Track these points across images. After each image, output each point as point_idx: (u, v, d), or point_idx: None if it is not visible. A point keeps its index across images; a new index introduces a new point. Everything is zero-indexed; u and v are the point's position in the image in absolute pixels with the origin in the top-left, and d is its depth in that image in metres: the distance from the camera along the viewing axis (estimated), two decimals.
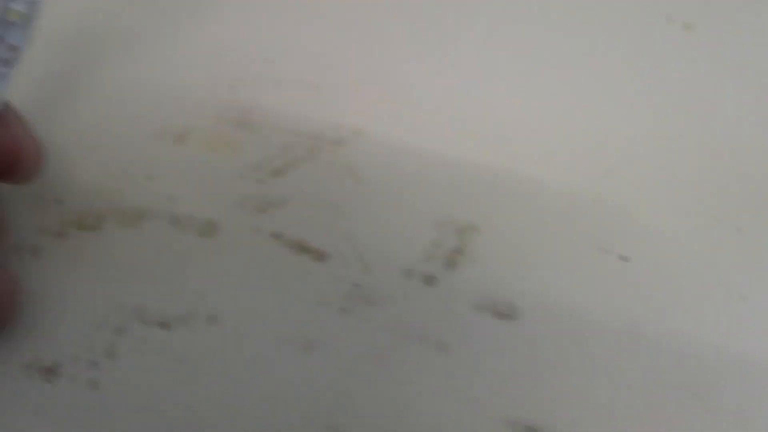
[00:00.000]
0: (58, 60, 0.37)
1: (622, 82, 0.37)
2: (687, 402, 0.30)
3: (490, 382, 0.31)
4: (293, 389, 0.31)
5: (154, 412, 0.31)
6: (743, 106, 0.36)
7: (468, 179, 0.35)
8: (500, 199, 0.35)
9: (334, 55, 0.39)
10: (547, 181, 0.35)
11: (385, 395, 0.31)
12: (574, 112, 0.36)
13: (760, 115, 0.36)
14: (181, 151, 0.35)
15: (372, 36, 0.39)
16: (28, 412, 0.31)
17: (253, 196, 0.35)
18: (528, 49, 0.38)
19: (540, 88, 0.36)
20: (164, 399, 0.31)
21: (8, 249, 0.32)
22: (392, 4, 0.40)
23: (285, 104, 0.38)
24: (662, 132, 0.35)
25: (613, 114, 0.36)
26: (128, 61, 0.37)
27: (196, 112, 0.30)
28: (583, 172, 0.35)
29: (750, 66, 0.37)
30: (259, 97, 0.38)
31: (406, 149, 0.36)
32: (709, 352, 0.31)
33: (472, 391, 0.31)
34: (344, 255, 0.34)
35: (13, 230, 0.33)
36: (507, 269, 0.33)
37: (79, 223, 0.33)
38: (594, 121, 0.35)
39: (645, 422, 0.30)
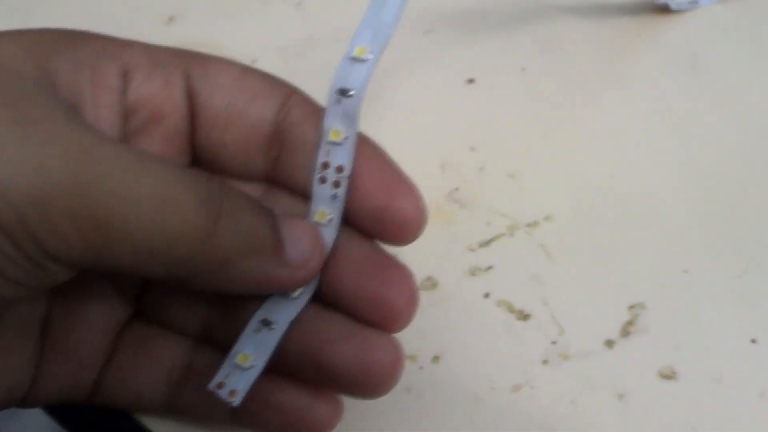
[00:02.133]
0: None
1: None
2: None
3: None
4: (503, 424, 0.37)
5: None
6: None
7: (637, 264, 0.41)
8: (662, 282, 0.40)
9: (528, 147, 0.44)
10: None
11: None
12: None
13: None
14: None
15: (557, 134, 0.45)
16: None
17: (465, 260, 0.41)
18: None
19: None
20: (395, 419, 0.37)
21: None
22: (573, 105, 0.46)
23: (486, 187, 0.44)
24: None
25: None
26: None
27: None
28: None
29: None
30: (464, 178, 0.44)
31: (585, 234, 0.42)
32: None
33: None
34: (543, 317, 0.40)
35: None
36: (668, 341, 0.39)
37: None
38: None
39: None
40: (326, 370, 0.26)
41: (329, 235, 0.27)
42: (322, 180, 0.27)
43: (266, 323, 0.26)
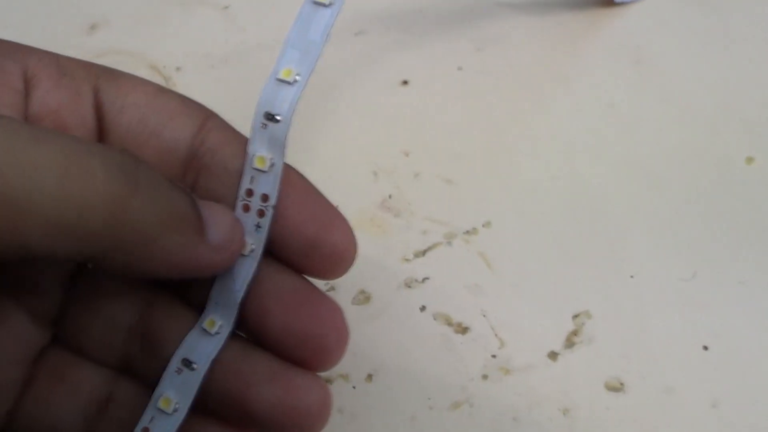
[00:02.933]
0: None
1: None
2: None
3: None
4: None
5: None
6: None
7: (581, 271, 0.40)
8: (608, 288, 0.39)
9: (465, 150, 0.43)
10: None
11: None
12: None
13: None
14: None
15: (496, 136, 0.44)
16: None
17: (400, 271, 0.40)
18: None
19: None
20: None
21: None
22: (513, 105, 0.45)
23: (421, 193, 0.42)
24: None
25: None
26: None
27: (347, 195, 0.35)
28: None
29: None
30: (398, 185, 0.42)
31: (527, 241, 0.41)
32: None
33: None
34: (482, 329, 0.38)
35: None
36: (615, 350, 0.38)
37: None
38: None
39: None
40: (250, 414, 0.25)
41: (250, 266, 0.26)
42: (246, 208, 0.26)
43: (187, 363, 0.25)
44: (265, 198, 0.26)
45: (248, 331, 0.28)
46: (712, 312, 0.39)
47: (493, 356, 0.38)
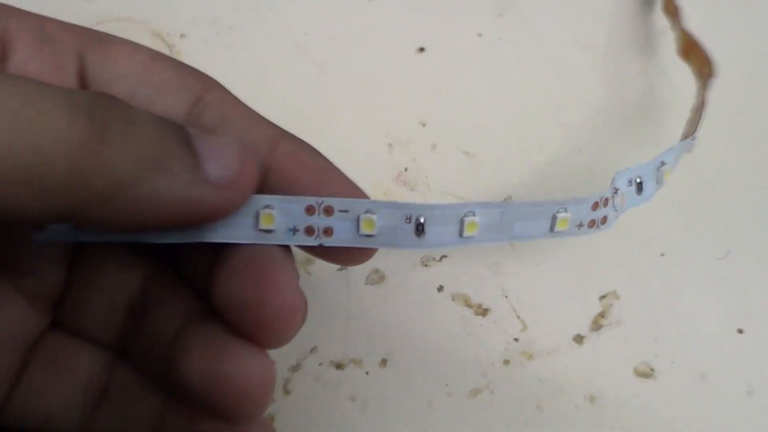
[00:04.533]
0: None
1: None
2: None
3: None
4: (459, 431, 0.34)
5: None
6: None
7: (608, 249, 0.38)
8: (636, 268, 0.38)
9: (485, 121, 0.41)
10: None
11: None
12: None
13: None
14: None
15: (518, 106, 0.42)
16: None
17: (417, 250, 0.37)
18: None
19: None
20: None
21: None
22: (540, 86, 0.43)
23: (438, 166, 0.40)
24: None
25: None
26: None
27: (360, 168, 0.31)
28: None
29: None
30: (414, 157, 0.41)
31: None
32: None
33: None
34: (503, 311, 0.37)
35: None
36: (644, 333, 0.36)
37: None
38: None
39: None
40: (181, 383, 0.23)
41: (248, 235, 0.24)
42: (309, 210, 0.24)
43: None
44: (328, 231, 0.24)
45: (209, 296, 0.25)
46: (747, 293, 0.37)
47: (515, 340, 0.36)
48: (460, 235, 0.23)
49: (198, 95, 0.26)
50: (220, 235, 0.24)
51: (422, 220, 0.23)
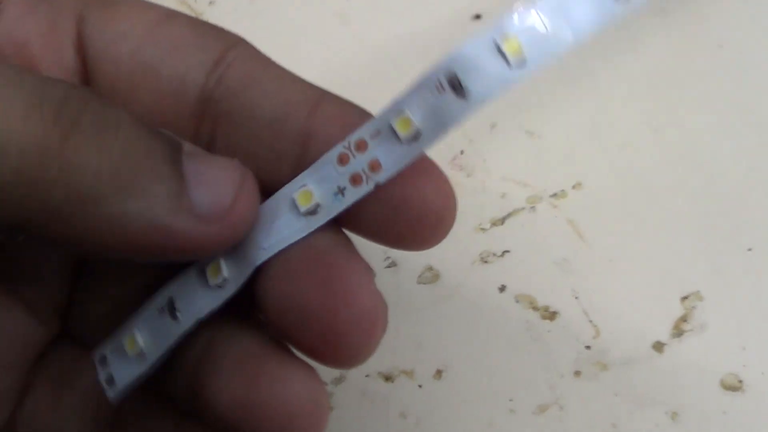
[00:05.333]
0: None
1: None
2: None
3: None
4: None
5: None
6: None
7: (689, 243, 0.35)
8: (722, 265, 0.34)
9: (550, 97, 0.39)
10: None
11: None
12: None
13: None
14: None
15: (585, 79, 0.39)
16: None
17: (475, 243, 0.35)
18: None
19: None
20: None
21: None
22: (613, 59, 0.40)
23: (498, 148, 0.37)
24: None
25: None
26: None
27: None
28: None
29: None
30: (471, 138, 0.38)
31: (625, 207, 0.36)
32: None
33: None
34: (573, 315, 0.34)
35: None
36: (732, 340, 0.33)
37: None
38: None
39: None
40: (207, 410, 0.20)
41: (298, 228, 0.20)
42: (342, 160, 0.20)
43: (171, 307, 0.21)
44: (375, 166, 0.20)
45: (256, 302, 0.22)
46: None
47: (587, 348, 0.33)
48: (508, 64, 0.18)
49: (220, 55, 0.22)
50: (260, 244, 0.21)
51: (456, 74, 0.18)
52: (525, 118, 0.38)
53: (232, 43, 0.23)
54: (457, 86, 0.18)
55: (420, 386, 0.33)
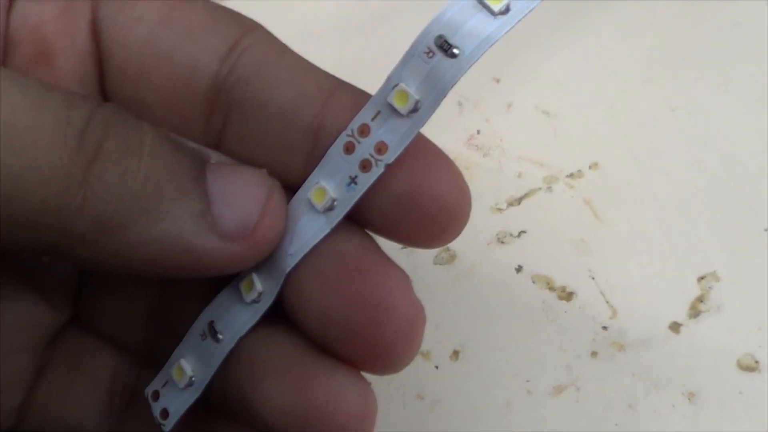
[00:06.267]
0: None
1: None
2: None
3: None
4: None
5: None
6: None
7: (706, 223, 0.35)
8: (739, 245, 0.34)
9: (567, 76, 0.38)
10: None
11: None
12: None
13: None
14: None
15: (603, 58, 0.39)
16: None
17: (491, 224, 0.35)
18: None
19: None
20: None
21: None
22: (630, 38, 0.40)
23: (515, 128, 0.37)
24: None
25: None
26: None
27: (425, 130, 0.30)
28: None
29: None
30: (487, 118, 0.37)
31: (642, 187, 0.36)
32: None
33: None
34: (590, 295, 0.33)
35: None
36: (748, 320, 0.33)
37: None
38: None
39: None
40: (256, 418, 0.20)
41: (319, 228, 0.20)
42: (348, 149, 0.20)
43: (212, 331, 0.21)
44: (381, 148, 0.19)
45: (287, 307, 0.21)
46: None
47: (604, 328, 0.33)
48: (492, 14, 0.18)
49: (234, 41, 0.22)
50: (286, 250, 0.20)
51: (443, 36, 0.19)
52: (541, 98, 0.38)
53: (247, 29, 0.22)
54: (446, 48, 0.18)
55: (436, 367, 0.32)
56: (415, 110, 0.19)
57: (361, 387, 0.20)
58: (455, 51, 0.18)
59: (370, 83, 0.21)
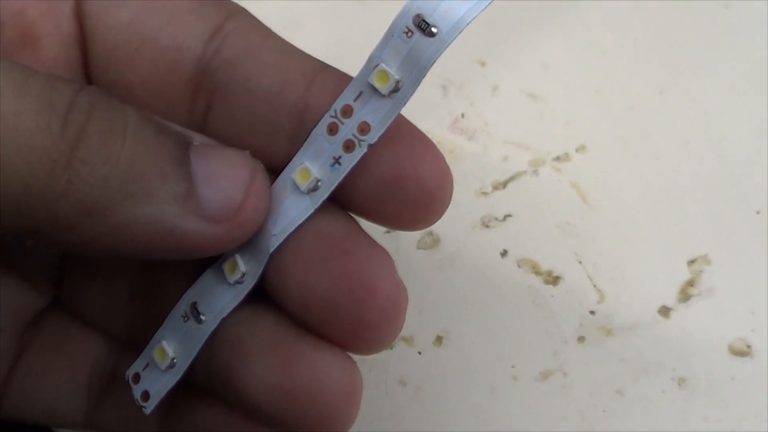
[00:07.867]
0: None
1: None
2: None
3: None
4: (528, 424, 0.31)
5: None
6: None
7: (696, 206, 0.34)
8: (730, 228, 0.34)
9: (552, 58, 0.38)
10: None
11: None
12: None
13: None
14: None
15: (590, 41, 0.38)
16: None
17: (476, 208, 0.34)
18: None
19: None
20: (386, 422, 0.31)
21: None
22: (617, 19, 0.39)
23: (500, 111, 0.37)
24: None
25: None
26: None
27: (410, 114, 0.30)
28: None
29: None
30: (472, 101, 0.37)
31: (630, 170, 0.35)
32: None
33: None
34: (577, 279, 0.33)
35: None
36: (740, 304, 0.32)
37: None
38: None
39: None
40: (242, 398, 0.20)
41: (303, 208, 0.20)
42: (332, 130, 0.20)
43: (195, 312, 0.21)
44: (364, 128, 0.20)
45: (270, 288, 0.22)
46: None
47: (591, 313, 0.32)
48: None
49: (218, 25, 0.22)
50: (270, 230, 0.21)
51: (421, 15, 0.19)
52: (527, 81, 0.37)
53: (232, 13, 0.23)
54: (424, 26, 0.19)
55: (419, 353, 0.32)
56: (396, 90, 0.19)
57: (346, 365, 0.20)
58: (433, 30, 0.19)
59: (354, 67, 0.21)
